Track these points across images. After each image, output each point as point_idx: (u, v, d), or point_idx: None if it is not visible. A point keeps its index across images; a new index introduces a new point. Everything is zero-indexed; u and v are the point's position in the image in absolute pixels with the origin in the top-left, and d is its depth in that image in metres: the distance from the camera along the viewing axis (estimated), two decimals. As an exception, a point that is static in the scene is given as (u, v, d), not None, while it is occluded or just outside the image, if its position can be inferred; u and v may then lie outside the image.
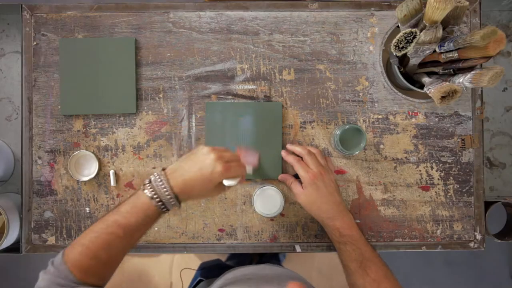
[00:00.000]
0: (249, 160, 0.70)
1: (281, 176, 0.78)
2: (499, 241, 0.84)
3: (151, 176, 0.57)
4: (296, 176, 0.78)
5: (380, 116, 0.81)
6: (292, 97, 0.82)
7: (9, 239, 0.81)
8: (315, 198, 0.70)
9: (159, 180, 0.56)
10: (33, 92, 0.81)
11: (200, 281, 0.90)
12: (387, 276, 0.65)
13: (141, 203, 0.55)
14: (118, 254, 0.55)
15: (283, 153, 0.78)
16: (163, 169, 0.58)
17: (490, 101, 0.90)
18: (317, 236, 0.81)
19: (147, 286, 1.68)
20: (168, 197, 0.55)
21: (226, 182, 0.62)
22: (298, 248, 0.81)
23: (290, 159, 0.75)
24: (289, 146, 0.77)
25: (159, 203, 0.55)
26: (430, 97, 0.76)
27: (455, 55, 0.68)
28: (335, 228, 0.69)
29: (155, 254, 1.62)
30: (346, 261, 0.68)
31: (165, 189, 0.55)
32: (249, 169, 0.70)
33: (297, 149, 0.76)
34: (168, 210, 0.57)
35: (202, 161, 0.58)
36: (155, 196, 0.55)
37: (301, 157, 0.75)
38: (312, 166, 0.71)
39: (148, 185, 0.56)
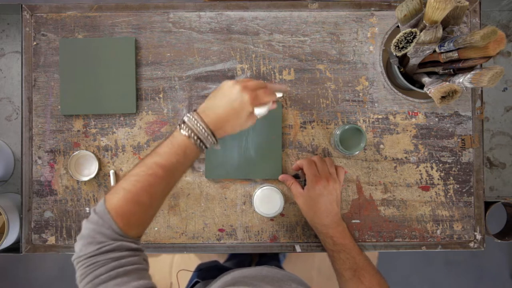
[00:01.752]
0: (279, 87, 0.70)
1: (281, 177, 0.78)
2: (499, 241, 0.84)
3: (184, 117, 0.58)
4: (296, 177, 0.78)
5: (380, 116, 0.81)
6: (292, 97, 0.82)
7: (9, 239, 0.81)
8: (314, 202, 0.70)
9: (193, 119, 0.57)
10: (33, 92, 0.81)
11: (196, 282, 0.90)
12: (380, 284, 0.66)
13: (179, 143, 0.56)
14: (159, 197, 0.55)
15: (293, 167, 0.77)
16: (194, 110, 0.59)
17: (490, 101, 0.90)
18: (317, 236, 0.81)
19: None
20: (206, 134, 0.57)
21: (257, 111, 0.61)
22: (298, 248, 0.81)
23: (301, 161, 0.74)
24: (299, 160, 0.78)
25: (198, 141, 0.56)
26: (430, 97, 0.76)
27: (455, 55, 0.68)
28: (329, 236, 0.70)
29: (155, 254, 1.62)
30: (340, 269, 0.68)
31: (201, 127, 0.56)
32: (279, 94, 0.69)
33: (308, 158, 0.75)
34: (206, 147, 0.58)
35: (229, 94, 0.59)
36: (192, 135, 0.56)
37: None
38: (320, 171, 0.72)
39: (183, 125, 0.57)
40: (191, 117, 0.58)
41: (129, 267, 0.49)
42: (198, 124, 0.57)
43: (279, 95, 0.69)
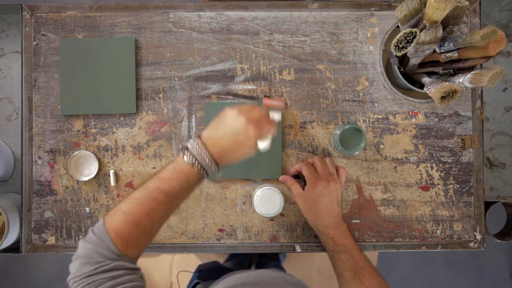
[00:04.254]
0: (275, 111, 0.70)
1: (282, 178, 0.78)
2: (499, 241, 0.84)
3: (187, 144, 0.58)
4: (296, 177, 0.78)
5: (380, 116, 0.81)
6: (292, 97, 0.82)
7: (9, 239, 0.81)
8: (315, 203, 0.70)
9: (197, 147, 0.57)
10: (33, 92, 0.81)
11: (197, 283, 0.90)
12: (381, 285, 0.65)
13: (181, 169, 0.56)
14: (160, 221, 0.56)
15: (292, 170, 0.77)
16: (198, 137, 0.59)
17: (490, 101, 0.90)
18: (317, 236, 0.81)
19: (147, 286, 1.67)
20: (210, 163, 0.57)
21: (261, 145, 0.61)
22: (298, 248, 0.81)
23: (299, 165, 0.74)
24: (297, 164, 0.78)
25: (201, 170, 0.57)
26: (430, 97, 0.76)
27: (455, 55, 0.68)
28: (330, 237, 0.69)
29: (155, 254, 1.62)
30: (340, 270, 0.68)
31: (205, 156, 0.56)
32: (278, 118, 0.69)
33: (308, 160, 0.75)
34: (208, 175, 0.58)
35: (233, 125, 0.58)
36: (196, 163, 0.56)
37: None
38: (320, 171, 0.71)
39: (187, 152, 0.57)
40: (195, 144, 0.57)
41: (126, 284, 0.50)
42: (202, 153, 0.57)
43: (277, 116, 0.69)
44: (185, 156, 0.57)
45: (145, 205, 0.53)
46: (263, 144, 0.62)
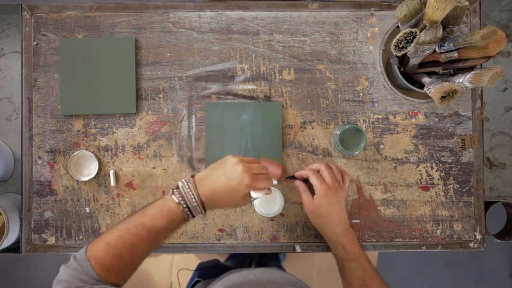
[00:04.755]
0: (274, 172, 0.71)
1: (297, 182, 0.75)
2: (499, 241, 0.84)
3: (179, 182, 0.59)
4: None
5: (380, 116, 0.81)
6: (292, 97, 0.82)
7: (9, 239, 0.81)
8: (325, 212, 0.70)
9: (187, 186, 0.57)
10: (33, 92, 0.81)
11: (197, 281, 0.90)
12: None
13: (168, 208, 0.57)
14: (141, 256, 0.56)
15: (297, 173, 0.76)
16: (192, 176, 0.60)
17: (490, 101, 0.90)
18: (317, 236, 0.81)
19: (147, 286, 1.68)
20: (195, 204, 0.57)
21: (253, 194, 0.62)
22: (298, 248, 0.81)
23: (305, 171, 0.73)
24: (307, 168, 0.76)
25: (186, 209, 0.57)
26: (430, 97, 0.76)
27: (455, 55, 0.68)
28: (340, 245, 0.69)
29: (155, 254, 1.62)
30: (349, 278, 0.68)
31: (192, 196, 0.57)
32: (274, 181, 0.70)
33: (314, 165, 0.74)
34: (193, 216, 0.58)
35: (230, 171, 0.59)
36: (182, 202, 0.57)
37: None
38: (328, 179, 0.71)
39: (176, 190, 0.58)
40: (185, 183, 0.58)
41: None
42: (190, 193, 0.57)
43: (274, 182, 0.69)
44: (173, 195, 0.57)
45: (127, 239, 0.54)
46: (256, 194, 0.62)
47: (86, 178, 0.80)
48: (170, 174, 0.81)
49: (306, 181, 0.77)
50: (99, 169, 0.81)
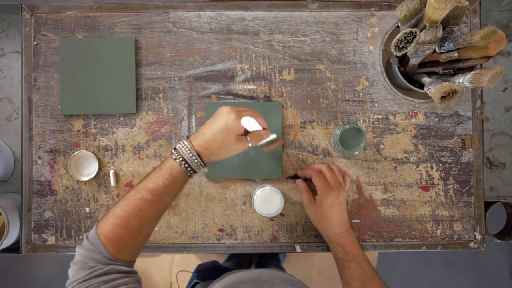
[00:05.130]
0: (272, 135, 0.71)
1: (299, 181, 0.76)
2: (499, 241, 0.84)
3: (177, 143, 0.61)
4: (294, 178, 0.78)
5: (380, 116, 0.81)
6: (292, 97, 0.82)
7: (9, 239, 0.81)
8: (327, 213, 0.70)
9: (182, 144, 0.59)
10: (33, 92, 0.81)
11: (196, 283, 0.90)
12: None
13: (167, 167, 0.58)
14: (149, 221, 0.57)
15: (300, 172, 0.76)
16: (187, 136, 0.61)
17: (490, 101, 0.90)
18: (317, 236, 0.81)
19: (147, 286, 1.68)
20: (190, 155, 0.58)
21: (244, 121, 0.61)
22: (298, 248, 0.81)
23: (308, 171, 0.73)
24: (309, 168, 0.77)
25: (183, 162, 0.58)
26: (430, 97, 0.76)
27: (455, 55, 0.68)
28: (340, 245, 0.69)
29: (155, 254, 1.62)
30: (348, 278, 0.68)
31: (187, 150, 0.58)
32: (273, 135, 0.70)
33: (316, 165, 0.75)
34: (194, 171, 0.59)
35: (218, 115, 0.61)
36: (178, 157, 0.58)
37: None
38: (330, 180, 0.71)
39: (174, 150, 0.60)
40: (182, 143, 0.60)
41: (122, 287, 0.51)
42: (185, 147, 0.59)
43: (273, 135, 0.70)
44: (171, 155, 0.59)
45: (132, 205, 0.55)
46: (245, 121, 0.61)
47: (86, 178, 0.80)
48: (170, 174, 0.81)
49: (305, 180, 0.77)
50: (99, 169, 0.81)
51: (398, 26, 0.74)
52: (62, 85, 0.80)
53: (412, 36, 0.64)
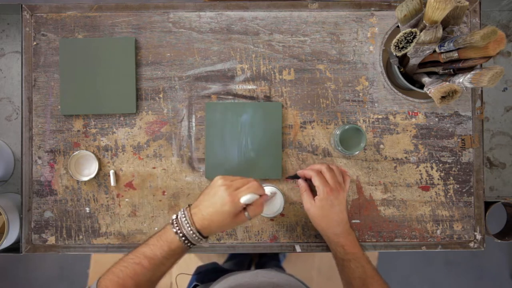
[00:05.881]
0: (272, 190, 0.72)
1: (299, 181, 0.75)
2: (499, 241, 0.84)
3: (178, 212, 0.62)
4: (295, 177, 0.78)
5: (380, 116, 0.81)
6: (292, 97, 0.82)
7: (9, 239, 0.81)
8: (327, 213, 0.70)
9: (183, 216, 0.60)
10: (33, 92, 0.81)
11: (195, 286, 0.90)
12: None
13: (166, 238, 0.59)
14: (145, 285, 0.59)
15: (300, 172, 0.76)
16: (189, 205, 0.62)
17: (490, 101, 0.90)
18: (317, 236, 0.81)
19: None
20: (191, 232, 0.59)
21: (243, 200, 0.60)
22: (298, 248, 0.81)
23: (308, 171, 0.73)
24: (309, 168, 0.76)
25: (183, 238, 0.59)
26: (430, 97, 0.76)
27: (455, 55, 0.68)
28: (340, 245, 0.69)
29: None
30: (349, 278, 0.68)
31: (187, 225, 0.59)
32: (272, 189, 0.70)
33: (316, 165, 0.74)
34: (193, 244, 0.60)
35: (215, 193, 0.61)
36: (179, 232, 0.59)
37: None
38: (330, 181, 0.71)
39: (174, 220, 0.61)
40: (182, 213, 0.61)
41: None
42: (186, 222, 0.59)
43: (272, 190, 0.70)
44: (172, 225, 0.60)
45: (130, 268, 0.58)
46: (245, 198, 0.60)
47: (86, 178, 0.80)
48: (170, 174, 0.81)
49: (305, 180, 0.77)
50: (99, 169, 0.81)
51: (398, 26, 0.74)
52: (62, 85, 0.80)
53: (412, 36, 0.64)
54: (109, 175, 0.81)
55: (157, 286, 0.63)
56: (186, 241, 0.59)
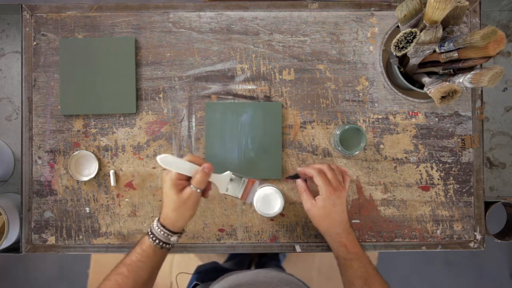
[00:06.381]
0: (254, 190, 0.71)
1: (299, 181, 0.74)
2: (499, 241, 0.84)
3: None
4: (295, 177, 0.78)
5: (380, 116, 0.81)
6: (292, 97, 0.82)
7: (9, 239, 0.81)
8: (328, 213, 0.69)
9: (154, 222, 0.64)
10: (33, 92, 0.81)
11: (196, 285, 0.90)
12: None
13: (140, 241, 0.63)
14: None
15: (300, 169, 0.75)
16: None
17: (490, 101, 0.90)
18: (317, 236, 0.81)
19: (147, 286, 1.67)
20: (156, 227, 0.62)
21: (172, 166, 0.61)
22: (298, 248, 0.81)
23: (310, 170, 0.72)
24: (309, 167, 0.76)
25: (151, 235, 0.62)
26: (430, 97, 0.76)
27: (455, 55, 0.68)
28: (342, 245, 0.69)
29: (155, 254, 1.61)
30: (351, 277, 0.68)
31: (155, 224, 0.63)
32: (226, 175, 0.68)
33: (316, 165, 0.74)
34: (165, 243, 0.62)
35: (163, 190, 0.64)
36: (149, 233, 0.62)
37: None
38: (331, 180, 0.70)
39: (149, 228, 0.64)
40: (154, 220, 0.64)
41: None
42: (154, 223, 0.63)
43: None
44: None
45: (112, 280, 0.60)
46: (162, 159, 0.60)
47: (86, 178, 0.80)
48: (170, 174, 0.81)
49: (305, 180, 0.77)
50: (99, 169, 0.81)
51: (398, 26, 0.74)
52: (62, 85, 0.80)
53: (412, 36, 0.64)
54: (109, 175, 0.81)
55: (157, 286, 0.63)
56: (153, 238, 0.61)
